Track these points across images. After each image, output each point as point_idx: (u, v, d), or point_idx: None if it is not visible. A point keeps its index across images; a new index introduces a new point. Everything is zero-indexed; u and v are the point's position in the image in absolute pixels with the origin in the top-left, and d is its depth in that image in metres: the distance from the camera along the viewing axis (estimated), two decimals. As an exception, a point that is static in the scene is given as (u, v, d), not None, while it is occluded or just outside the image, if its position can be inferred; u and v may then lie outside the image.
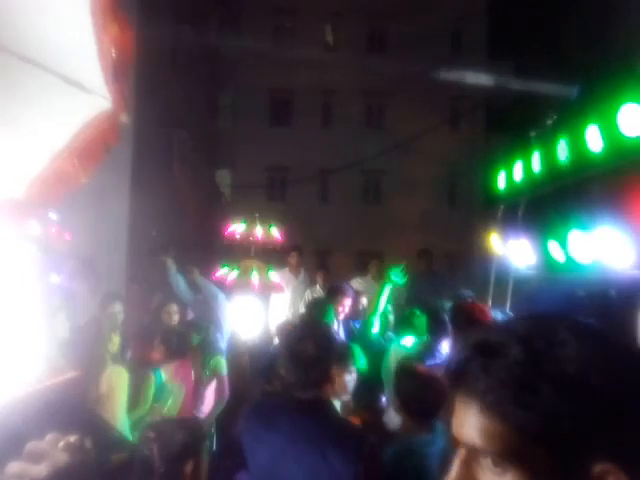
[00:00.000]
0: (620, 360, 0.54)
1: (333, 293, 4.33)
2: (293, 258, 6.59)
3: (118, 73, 1.16)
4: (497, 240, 4.94)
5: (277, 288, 6.27)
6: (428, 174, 16.31)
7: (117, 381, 2.97)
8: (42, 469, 0.74)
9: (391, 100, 16.99)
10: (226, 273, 6.26)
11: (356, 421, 2.74)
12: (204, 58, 15.72)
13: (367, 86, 16.69)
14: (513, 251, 4.65)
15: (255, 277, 6.19)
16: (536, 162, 4.26)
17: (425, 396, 2.21)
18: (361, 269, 13.59)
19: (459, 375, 0.59)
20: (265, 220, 6.68)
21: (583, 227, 3.37)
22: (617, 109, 3.18)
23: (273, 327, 5.28)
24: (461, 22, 17.24)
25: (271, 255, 6.74)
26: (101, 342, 2.95)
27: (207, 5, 16.81)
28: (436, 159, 16.10)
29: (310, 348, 1.83)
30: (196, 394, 3.75)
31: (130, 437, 2.67)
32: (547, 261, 3.96)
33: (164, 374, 3.67)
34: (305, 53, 16.52)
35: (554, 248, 3.78)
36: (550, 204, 4.29)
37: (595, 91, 3.95)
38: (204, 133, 16.34)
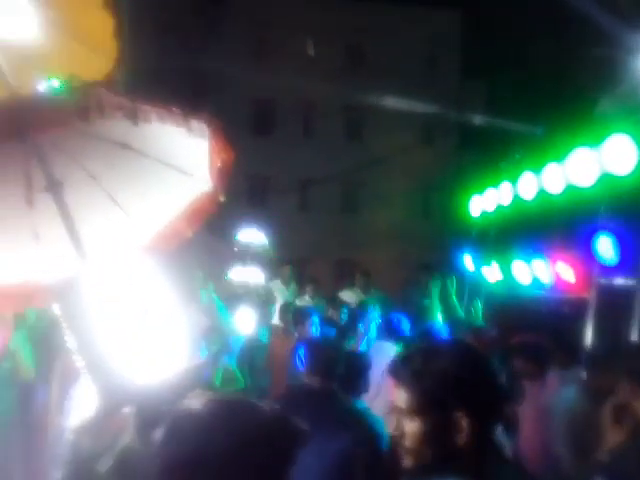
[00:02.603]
0: (460, 363, 1.15)
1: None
2: (286, 271, 7.06)
3: (221, 175, 1.78)
4: (470, 260, 5.60)
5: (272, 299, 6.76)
6: (404, 187, 17.07)
7: None
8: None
9: (369, 114, 17.69)
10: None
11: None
12: (188, 69, 16.11)
13: (346, 100, 17.34)
14: (485, 271, 5.31)
15: (254, 288, 6.67)
16: (505, 195, 4.93)
17: None
18: (339, 277, 14.18)
19: (395, 371, 1.20)
20: (253, 228, 7.20)
21: (543, 256, 4.03)
22: (568, 153, 3.81)
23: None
24: (437, 42, 18.10)
25: (265, 265, 7.24)
26: None
27: (191, 17, 17.21)
28: (411, 173, 16.87)
29: (330, 351, 2.38)
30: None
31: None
32: (513, 281, 4.62)
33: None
34: (287, 65, 17.07)
35: (520, 271, 4.45)
36: (517, 233, 4.96)
37: (555, 133, 4.63)
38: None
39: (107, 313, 1.50)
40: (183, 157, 1.85)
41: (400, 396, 1.14)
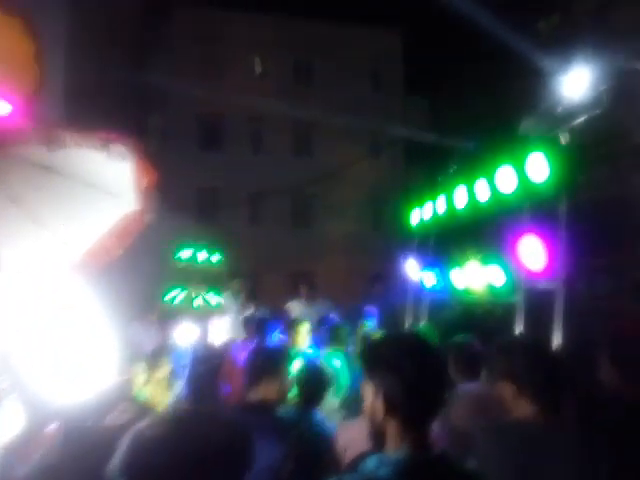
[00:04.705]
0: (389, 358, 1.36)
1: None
2: (237, 284, 7.07)
3: (146, 195, 1.88)
4: (413, 268, 5.85)
5: (217, 312, 6.75)
6: (353, 199, 17.44)
7: None
8: (125, 417, 1.46)
9: (317, 129, 18.02)
10: (169, 299, 6.66)
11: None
12: (133, 84, 15.86)
13: (294, 115, 17.60)
14: (426, 277, 5.57)
15: (197, 302, 6.63)
16: (441, 205, 5.22)
17: None
18: (293, 290, 14.25)
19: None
20: (206, 244, 7.16)
21: (477, 262, 4.30)
22: (496, 169, 4.15)
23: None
24: (379, 60, 18.75)
25: (212, 279, 7.20)
26: None
27: (136, 32, 17.00)
28: (360, 186, 17.28)
29: (259, 360, 2.41)
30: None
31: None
32: (450, 287, 4.88)
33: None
34: (234, 80, 17.17)
35: (455, 277, 4.71)
36: (452, 240, 5.25)
37: (484, 149, 4.97)
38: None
39: (33, 332, 1.54)
40: (110, 178, 1.93)
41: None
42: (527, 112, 4.81)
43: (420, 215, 5.73)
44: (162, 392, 3.76)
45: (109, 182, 1.96)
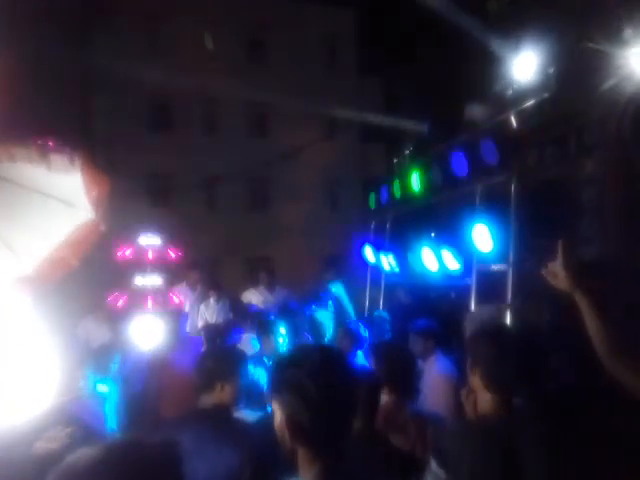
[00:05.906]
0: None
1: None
2: (193, 275, 6.83)
3: (98, 203, 1.75)
4: (370, 251, 5.85)
5: (174, 305, 6.51)
6: (310, 182, 17.30)
7: None
8: (55, 444, 1.38)
9: (272, 110, 17.68)
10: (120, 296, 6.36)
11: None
12: (75, 61, 15.00)
13: (248, 95, 17.17)
14: (383, 261, 5.58)
15: (150, 296, 6.38)
16: (396, 188, 5.21)
17: None
18: (251, 275, 14.08)
19: None
20: (154, 233, 6.89)
21: (431, 245, 4.33)
22: (449, 152, 4.16)
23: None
24: (333, 39, 18.50)
25: (166, 270, 6.94)
26: None
27: (76, 5, 16.02)
28: (317, 167, 17.14)
29: (210, 363, 2.29)
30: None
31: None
32: (407, 270, 4.91)
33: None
34: (184, 59, 16.53)
35: (412, 260, 4.73)
36: (408, 223, 5.27)
37: (437, 132, 4.97)
38: (77, 138, 15.56)
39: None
40: (63, 187, 1.82)
41: None
42: (475, 96, 4.83)
43: (376, 198, 5.72)
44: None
45: (64, 190, 1.85)
